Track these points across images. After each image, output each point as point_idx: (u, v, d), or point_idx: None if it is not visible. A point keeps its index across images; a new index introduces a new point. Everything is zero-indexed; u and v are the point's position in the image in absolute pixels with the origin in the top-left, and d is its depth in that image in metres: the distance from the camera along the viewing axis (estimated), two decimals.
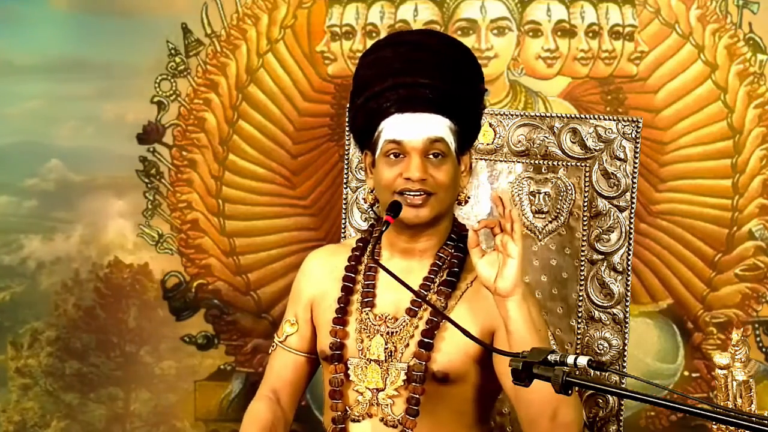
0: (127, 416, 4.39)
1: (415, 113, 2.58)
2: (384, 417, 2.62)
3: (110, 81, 4.29)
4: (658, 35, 4.14)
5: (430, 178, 2.58)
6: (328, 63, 4.26)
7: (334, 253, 2.79)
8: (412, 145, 2.58)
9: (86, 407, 4.38)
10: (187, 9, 4.27)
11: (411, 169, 2.57)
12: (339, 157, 4.17)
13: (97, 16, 4.32)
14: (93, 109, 4.32)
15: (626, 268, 2.96)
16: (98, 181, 4.34)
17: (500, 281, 2.46)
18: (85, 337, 4.38)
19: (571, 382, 2.05)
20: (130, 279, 4.36)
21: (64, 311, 4.38)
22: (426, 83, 2.58)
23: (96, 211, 4.36)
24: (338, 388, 2.65)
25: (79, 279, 4.37)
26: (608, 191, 2.97)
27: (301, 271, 2.82)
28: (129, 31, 4.29)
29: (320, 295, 2.74)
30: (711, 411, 1.98)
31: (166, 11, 4.28)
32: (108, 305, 4.38)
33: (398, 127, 2.59)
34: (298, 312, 2.78)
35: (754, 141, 4.12)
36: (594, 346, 2.97)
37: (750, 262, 4.14)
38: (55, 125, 4.34)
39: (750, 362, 2.89)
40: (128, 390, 4.39)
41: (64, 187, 4.35)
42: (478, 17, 4.18)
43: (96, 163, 4.34)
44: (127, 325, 4.37)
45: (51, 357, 4.38)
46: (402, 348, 2.62)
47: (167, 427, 4.36)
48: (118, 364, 4.38)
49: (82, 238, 4.37)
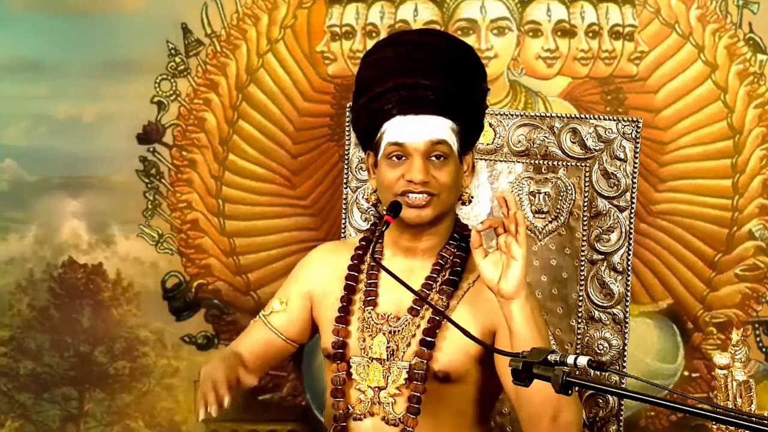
0: (80, 416, 4.39)
1: (417, 115, 2.58)
2: (385, 416, 2.62)
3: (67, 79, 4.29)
4: (658, 35, 4.14)
5: (433, 180, 2.58)
6: (328, 63, 4.26)
7: (337, 251, 2.79)
8: (414, 147, 2.58)
9: (40, 407, 4.39)
10: (187, 9, 4.27)
11: (413, 171, 2.57)
12: (339, 157, 4.17)
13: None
14: (47, 108, 4.32)
15: (626, 268, 2.96)
16: (52, 182, 4.35)
17: (503, 283, 2.47)
18: (39, 337, 4.38)
19: (571, 382, 2.05)
20: (84, 279, 4.37)
21: (18, 311, 4.38)
22: (427, 84, 2.57)
23: (50, 211, 4.36)
24: (340, 386, 2.65)
25: (33, 279, 4.38)
26: (608, 191, 2.97)
27: (305, 263, 2.81)
28: (129, 31, 4.29)
29: (321, 293, 2.75)
30: (711, 411, 1.98)
31: (167, 11, 4.28)
32: (62, 305, 4.38)
33: (400, 129, 2.59)
34: (291, 296, 2.77)
35: (754, 141, 4.12)
36: (594, 346, 2.97)
37: (750, 262, 4.14)
38: (8, 125, 4.35)
39: (750, 362, 2.89)
40: (82, 390, 4.39)
41: (18, 187, 4.35)
42: (478, 17, 4.18)
43: (50, 162, 4.34)
44: (82, 325, 4.38)
45: (5, 357, 4.39)
46: (404, 347, 2.63)
47: (120, 427, 4.36)
48: (72, 365, 4.38)
49: (36, 238, 4.38)
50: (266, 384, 4.33)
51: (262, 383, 4.31)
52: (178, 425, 4.38)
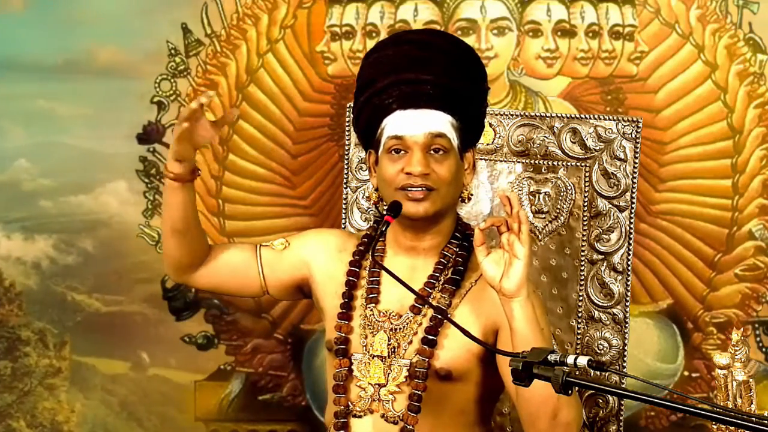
0: None
1: (417, 109, 2.59)
2: (385, 413, 2.62)
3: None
4: (658, 35, 4.14)
5: (433, 173, 2.59)
6: (328, 63, 4.26)
7: (347, 239, 2.79)
8: (413, 140, 2.59)
9: None
10: (187, 9, 4.27)
11: (413, 163, 2.58)
12: (339, 157, 4.17)
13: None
14: None
15: (626, 268, 2.96)
16: None
17: (506, 281, 2.47)
18: None
19: (571, 382, 2.05)
20: None
21: None
22: (428, 79, 2.59)
23: None
24: (342, 382, 2.65)
25: None
26: (608, 191, 2.97)
27: (316, 236, 2.81)
28: (129, 31, 4.30)
29: (327, 274, 2.74)
30: (711, 411, 1.99)
31: (166, 11, 4.28)
32: None
33: (400, 122, 2.59)
34: (293, 249, 2.76)
35: (754, 141, 4.12)
36: (594, 346, 2.97)
37: (750, 262, 4.14)
38: None
39: (750, 362, 2.89)
40: None
41: None
42: (478, 17, 4.18)
43: None
44: None
45: None
46: (405, 345, 2.63)
47: (2, 427, 4.37)
48: None
49: None
50: (266, 384, 4.33)
51: (261, 383, 4.32)
52: (60, 425, 4.38)
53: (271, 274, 2.76)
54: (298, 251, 2.76)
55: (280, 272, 2.76)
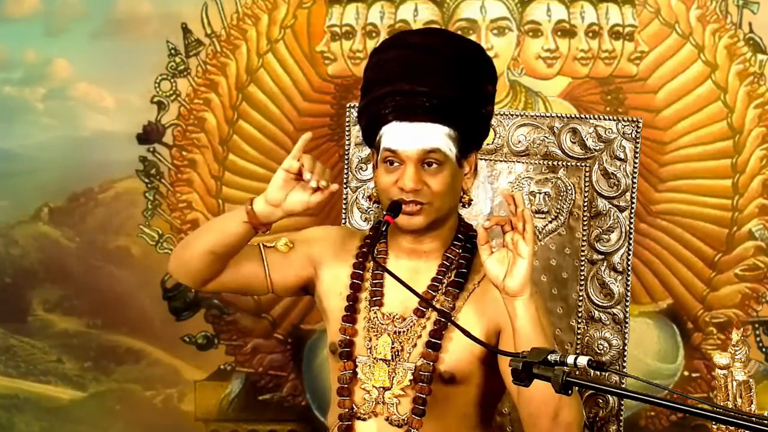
0: None
1: (412, 122, 2.57)
2: (389, 416, 2.62)
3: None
4: (658, 35, 4.14)
5: (425, 188, 2.57)
6: (328, 63, 4.26)
7: (350, 238, 2.78)
8: (407, 154, 2.57)
9: None
10: (187, 9, 4.27)
11: (405, 179, 2.57)
12: (339, 157, 4.16)
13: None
14: None
15: (626, 268, 2.96)
16: None
17: (509, 280, 2.47)
18: None
19: (571, 382, 2.05)
20: None
21: None
22: (424, 91, 2.56)
23: None
24: (346, 385, 2.65)
25: None
26: (608, 191, 2.97)
27: (320, 234, 2.80)
28: (129, 31, 4.30)
29: (332, 274, 2.73)
30: (711, 411, 1.99)
31: (167, 11, 4.29)
32: None
33: (395, 136, 2.58)
34: (300, 249, 2.75)
35: (754, 141, 4.12)
36: (594, 346, 2.97)
37: (750, 262, 4.14)
38: None
39: (750, 362, 2.89)
40: None
41: None
42: (478, 17, 4.18)
43: None
44: None
45: None
46: (409, 348, 2.63)
47: None
48: None
49: None
50: (266, 384, 4.33)
51: (261, 383, 4.32)
52: None
53: (277, 277, 2.75)
54: (304, 251, 2.76)
55: (287, 274, 2.76)
